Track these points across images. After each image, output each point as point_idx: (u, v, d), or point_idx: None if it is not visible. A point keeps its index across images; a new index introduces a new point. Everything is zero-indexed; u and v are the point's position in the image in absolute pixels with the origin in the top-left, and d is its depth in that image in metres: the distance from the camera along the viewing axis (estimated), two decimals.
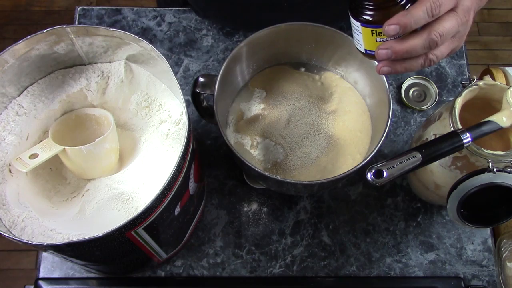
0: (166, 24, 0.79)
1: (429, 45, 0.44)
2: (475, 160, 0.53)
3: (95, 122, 0.59)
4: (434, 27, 0.44)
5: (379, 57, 0.46)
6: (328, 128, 0.65)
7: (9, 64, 0.51)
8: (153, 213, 0.47)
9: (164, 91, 0.58)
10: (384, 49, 0.45)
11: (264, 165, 0.63)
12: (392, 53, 0.44)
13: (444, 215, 0.69)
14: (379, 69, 0.47)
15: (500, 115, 0.50)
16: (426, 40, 0.44)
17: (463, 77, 0.76)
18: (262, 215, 0.69)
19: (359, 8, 0.45)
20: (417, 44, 0.44)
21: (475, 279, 0.66)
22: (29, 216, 0.50)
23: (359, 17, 0.45)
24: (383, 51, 0.45)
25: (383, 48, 0.45)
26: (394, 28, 0.43)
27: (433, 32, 0.43)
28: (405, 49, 0.44)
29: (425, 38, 0.44)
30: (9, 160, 0.52)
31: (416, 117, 0.74)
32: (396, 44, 0.44)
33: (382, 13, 0.44)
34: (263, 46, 0.63)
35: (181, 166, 0.48)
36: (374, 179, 0.46)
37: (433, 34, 0.43)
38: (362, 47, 0.48)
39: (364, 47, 0.47)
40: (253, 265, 0.66)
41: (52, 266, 0.65)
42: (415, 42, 0.44)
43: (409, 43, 0.44)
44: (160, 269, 0.66)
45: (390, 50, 0.44)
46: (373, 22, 0.45)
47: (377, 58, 0.46)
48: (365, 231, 0.68)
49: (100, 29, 0.52)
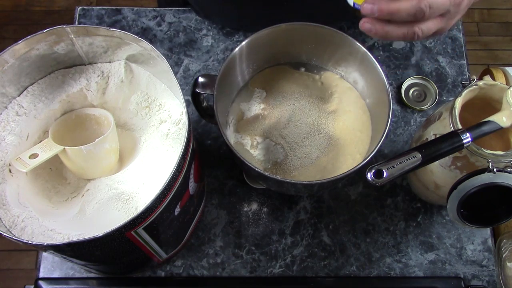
0: (166, 24, 0.79)
1: (415, 13, 0.43)
2: (475, 160, 0.53)
3: (95, 122, 0.59)
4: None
5: (363, 11, 0.45)
6: (328, 128, 0.65)
7: (9, 64, 0.51)
8: (153, 213, 0.47)
9: (164, 91, 0.58)
10: (370, 3, 0.44)
11: (264, 165, 0.63)
12: (377, 10, 0.44)
13: (444, 215, 0.69)
14: (362, 24, 0.46)
15: (500, 115, 0.50)
16: (414, 7, 0.43)
17: (463, 77, 0.76)
18: (262, 215, 0.69)
19: None
20: (404, 8, 0.43)
21: (475, 279, 0.66)
22: (29, 216, 0.50)
23: None
24: (369, 6, 0.44)
25: (369, 2, 0.44)
26: None
27: (423, 1, 0.42)
28: (391, 9, 0.43)
29: (414, 5, 0.43)
30: (9, 160, 0.52)
31: (416, 117, 0.74)
32: (383, 2, 0.43)
33: None
34: (263, 46, 0.63)
35: (181, 166, 0.48)
36: (374, 179, 0.46)
37: (423, 3, 0.42)
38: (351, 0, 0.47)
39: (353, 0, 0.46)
40: (253, 265, 0.66)
41: (52, 266, 0.65)
42: (402, 5, 0.43)
43: (396, 4, 0.43)
44: (160, 269, 0.66)
45: (375, 7, 0.44)
46: None
47: (361, 11, 0.45)
48: (365, 231, 0.68)
49: (100, 29, 0.52)
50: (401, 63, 0.77)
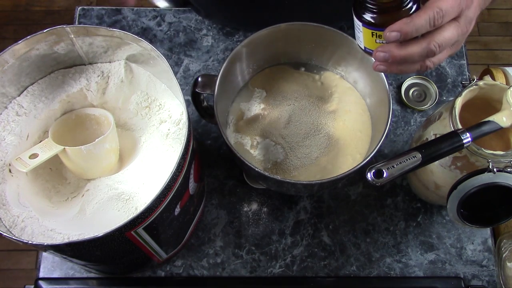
0: (166, 24, 0.79)
1: (426, 54, 0.45)
2: (475, 160, 0.53)
3: (95, 122, 0.59)
4: (434, 37, 0.44)
5: (377, 59, 0.46)
6: (328, 128, 0.65)
7: (9, 64, 0.51)
8: (153, 213, 0.47)
9: (164, 91, 0.58)
10: (382, 52, 0.45)
11: (264, 165, 0.63)
12: (390, 56, 0.45)
13: (444, 215, 0.69)
14: (375, 66, 0.48)
15: (500, 115, 0.50)
16: (425, 50, 0.44)
17: (463, 77, 0.76)
18: (262, 215, 0.69)
19: (362, 8, 0.45)
20: (416, 52, 0.44)
21: (475, 279, 0.66)
22: (29, 216, 0.50)
23: (361, 17, 0.46)
24: (381, 54, 0.45)
25: (381, 50, 0.45)
26: (395, 35, 0.43)
27: (433, 43, 0.44)
28: (403, 55, 0.45)
29: (424, 47, 0.44)
30: (9, 160, 0.52)
31: (416, 117, 0.74)
32: (395, 49, 0.45)
33: (385, 17, 0.44)
34: (263, 46, 0.63)
35: (181, 166, 0.48)
36: (374, 179, 0.46)
37: (432, 44, 0.44)
38: (362, 44, 0.48)
39: (363, 45, 0.48)
40: (253, 265, 0.66)
41: (52, 266, 0.65)
42: (413, 50, 0.44)
43: (407, 50, 0.44)
44: (160, 269, 0.66)
45: (388, 54, 0.45)
46: (374, 25, 0.45)
47: (375, 59, 0.47)
48: (365, 231, 0.68)
49: (100, 29, 0.52)
50: None
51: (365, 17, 0.45)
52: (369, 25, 0.45)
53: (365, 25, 0.46)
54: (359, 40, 0.48)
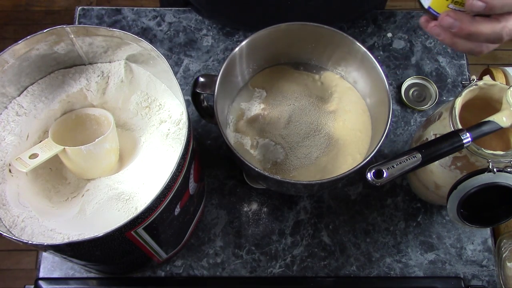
0: (166, 24, 0.79)
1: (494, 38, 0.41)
2: (475, 160, 0.53)
3: (95, 122, 0.59)
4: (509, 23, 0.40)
5: (442, 23, 0.41)
6: (328, 128, 0.65)
7: (9, 64, 0.51)
8: (153, 213, 0.47)
9: (164, 91, 0.58)
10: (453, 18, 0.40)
11: (264, 165, 0.63)
12: (457, 28, 0.40)
13: (444, 215, 0.69)
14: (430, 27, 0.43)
15: (500, 115, 0.50)
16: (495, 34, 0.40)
17: (463, 77, 0.76)
18: (262, 215, 0.69)
19: None
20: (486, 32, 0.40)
21: (475, 279, 0.66)
22: (29, 216, 0.50)
23: None
24: (450, 20, 0.40)
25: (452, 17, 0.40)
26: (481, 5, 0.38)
27: (506, 29, 0.40)
28: (472, 31, 0.40)
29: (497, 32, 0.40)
30: (9, 160, 0.52)
31: (416, 117, 0.74)
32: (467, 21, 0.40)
33: None
34: (263, 46, 0.63)
35: (181, 166, 0.48)
36: (374, 179, 0.46)
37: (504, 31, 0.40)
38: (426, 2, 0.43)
39: (428, 4, 0.42)
40: (253, 265, 0.66)
41: (52, 266, 0.65)
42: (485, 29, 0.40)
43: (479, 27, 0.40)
44: (160, 269, 0.66)
45: (457, 23, 0.40)
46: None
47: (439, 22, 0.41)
48: (365, 231, 0.68)
49: (100, 29, 0.52)
50: (401, 63, 0.77)
51: None
52: None
53: None
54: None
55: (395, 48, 0.78)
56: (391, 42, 0.78)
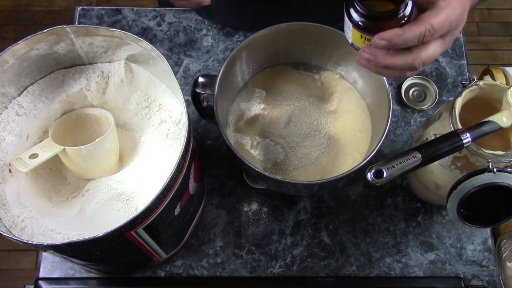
0: (166, 24, 0.79)
1: (409, 68, 0.45)
2: (475, 160, 0.53)
3: (95, 122, 0.59)
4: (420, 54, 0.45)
5: (361, 58, 0.47)
6: (328, 128, 0.65)
7: (9, 64, 0.51)
8: (153, 213, 0.47)
9: (164, 91, 0.58)
10: (368, 54, 0.46)
11: (264, 165, 0.63)
12: (374, 61, 0.46)
13: (444, 215, 0.69)
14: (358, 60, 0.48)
15: (500, 115, 0.50)
16: (408, 64, 0.45)
17: (463, 77, 0.76)
18: (262, 215, 0.69)
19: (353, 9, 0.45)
20: (399, 64, 0.45)
21: (475, 279, 0.66)
22: (29, 216, 0.50)
23: (352, 18, 0.45)
24: (366, 55, 0.46)
25: (368, 52, 0.46)
26: (384, 44, 0.44)
27: (418, 60, 0.45)
28: (387, 63, 0.45)
29: (409, 63, 0.45)
30: (9, 160, 0.52)
31: (416, 117, 0.74)
32: (380, 56, 0.45)
33: (376, 24, 0.45)
34: (263, 46, 0.63)
35: (181, 166, 0.48)
36: (374, 179, 0.46)
37: (416, 61, 0.45)
38: (349, 39, 0.48)
39: (351, 41, 0.48)
40: (253, 265, 0.66)
41: (52, 266, 0.65)
42: (397, 62, 0.45)
43: (392, 60, 0.45)
44: (160, 269, 0.66)
45: (372, 58, 0.46)
46: (364, 29, 0.45)
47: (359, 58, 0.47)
48: (365, 231, 0.68)
49: (100, 29, 0.52)
50: None
51: (355, 19, 0.45)
52: (359, 27, 0.45)
53: (354, 27, 0.46)
54: (348, 35, 0.48)
55: None
56: None
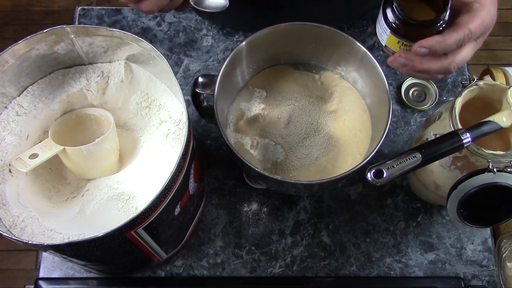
0: (166, 24, 0.79)
1: (444, 72, 0.46)
2: (475, 160, 0.53)
3: (95, 122, 0.59)
4: (455, 58, 0.45)
5: (396, 63, 0.47)
6: (328, 128, 0.65)
7: (9, 64, 0.51)
8: (153, 213, 0.47)
9: (164, 91, 0.58)
10: (404, 59, 0.46)
11: (264, 165, 0.63)
12: (410, 66, 0.46)
13: (444, 215, 0.69)
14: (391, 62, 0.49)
15: (500, 115, 0.50)
16: (444, 69, 0.46)
17: (463, 77, 0.76)
18: (262, 215, 0.69)
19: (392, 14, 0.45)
20: (435, 69, 0.46)
21: (475, 279, 0.66)
22: (29, 216, 0.50)
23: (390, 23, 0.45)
24: (402, 60, 0.46)
25: (404, 57, 0.46)
26: (424, 51, 0.44)
27: (453, 64, 0.46)
28: (422, 68, 0.46)
29: (445, 67, 0.46)
30: (9, 160, 0.52)
31: (416, 117, 0.74)
32: (416, 61, 0.46)
33: (416, 31, 0.45)
34: (263, 46, 0.63)
35: (181, 166, 0.48)
36: (374, 179, 0.46)
37: (452, 66, 0.46)
38: (383, 42, 0.48)
39: (385, 43, 0.48)
40: (253, 265, 0.66)
41: (52, 266, 0.65)
42: (433, 66, 0.46)
43: (428, 65, 0.46)
44: (160, 269, 0.66)
45: (408, 63, 0.46)
46: (403, 35, 0.45)
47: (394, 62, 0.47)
48: (365, 231, 0.68)
49: (100, 29, 0.52)
50: None
51: (394, 24, 0.45)
52: (397, 33, 0.45)
53: (392, 32, 0.45)
54: (381, 37, 0.48)
55: None
56: None
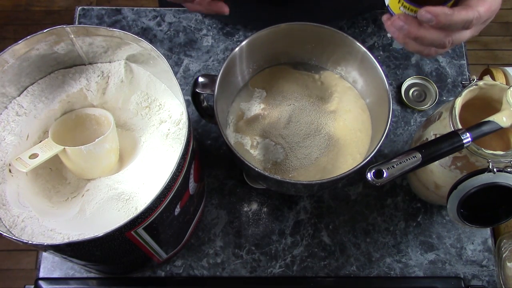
0: (166, 24, 0.79)
1: (438, 44, 0.46)
2: (475, 160, 0.53)
3: (95, 122, 0.59)
4: (453, 34, 0.45)
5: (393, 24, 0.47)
6: (328, 128, 0.65)
7: (9, 64, 0.51)
8: (153, 213, 0.47)
9: (164, 91, 0.58)
10: (402, 22, 0.46)
11: (264, 165, 0.63)
12: (406, 30, 0.46)
13: (444, 215, 0.69)
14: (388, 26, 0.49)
15: (500, 115, 0.50)
16: (439, 41, 0.45)
17: (463, 77, 0.76)
18: (262, 215, 0.69)
19: None
20: (430, 38, 0.45)
21: (475, 279, 0.66)
22: (29, 216, 0.50)
23: None
24: (400, 23, 0.46)
25: (402, 20, 0.46)
26: (429, 18, 0.43)
27: (448, 38, 0.45)
28: (419, 35, 0.46)
29: (440, 39, 0.45)
30: (9, 160, 0.52)
31: (416, 117, 0.74)
32: (414, 26, 0.46)
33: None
34: (263, 46, 0.63)
35: (181, 166, 0.48)
36: (374, 179, 0.46)
37: (447, 39, 0.45)
38: (387, 1, 0.48)
39: (388, 3, 0.48)
40: (253, 265, 0.66)
41: (52, 266, 0.65)
42: (429, 35, 0.45)
43: (424, 33, 0.45)
44: (160, 269, 0.66)
45: (405, 27, 0.46)
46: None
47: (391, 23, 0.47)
48: (365, 231, 0.68)
49: (100, 29, 0.52)
50: (401, 63, 0.77)
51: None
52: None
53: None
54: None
55: (395, 48, 0.78)
56: (391, 42, 0.78)
